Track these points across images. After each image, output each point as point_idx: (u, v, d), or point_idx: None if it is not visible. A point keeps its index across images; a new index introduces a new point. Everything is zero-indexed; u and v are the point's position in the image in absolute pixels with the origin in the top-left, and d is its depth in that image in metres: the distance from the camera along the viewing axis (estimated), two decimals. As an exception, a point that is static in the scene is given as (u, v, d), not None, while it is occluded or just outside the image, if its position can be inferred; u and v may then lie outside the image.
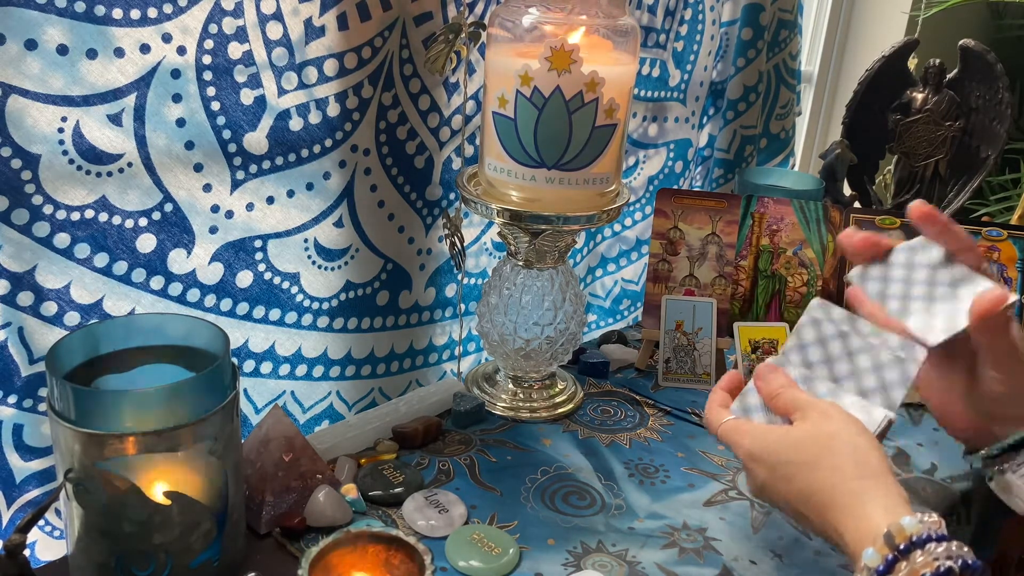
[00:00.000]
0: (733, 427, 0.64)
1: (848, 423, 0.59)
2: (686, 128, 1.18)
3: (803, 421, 0.61)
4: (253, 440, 0.70)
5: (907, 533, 0.51)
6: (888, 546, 0.51)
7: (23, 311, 0.68)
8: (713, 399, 0.68)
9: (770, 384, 0.65)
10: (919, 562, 0.50)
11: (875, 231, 0.94)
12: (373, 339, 0.92)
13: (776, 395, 0.64)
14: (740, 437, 0.63)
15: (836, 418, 0.60)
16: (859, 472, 0.56)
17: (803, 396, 0.63)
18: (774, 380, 0.65)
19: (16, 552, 0.52)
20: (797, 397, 0.63)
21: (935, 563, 0.49)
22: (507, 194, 0.80)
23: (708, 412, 0.67)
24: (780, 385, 0.64)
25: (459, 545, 0.67)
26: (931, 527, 0.51)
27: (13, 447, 0.70)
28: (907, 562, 0.50)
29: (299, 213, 0.81)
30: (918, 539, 0.51)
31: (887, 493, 0.55)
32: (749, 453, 0.62)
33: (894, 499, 0.55)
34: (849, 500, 0.55)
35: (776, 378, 0.65)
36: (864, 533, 0.53)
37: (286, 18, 0.74)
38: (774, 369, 0.65)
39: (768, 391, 0.64)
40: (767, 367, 0.66)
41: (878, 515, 0.54)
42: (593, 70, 0.73)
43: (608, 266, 1.19)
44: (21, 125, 0.64)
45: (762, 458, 0.61)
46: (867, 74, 1.24)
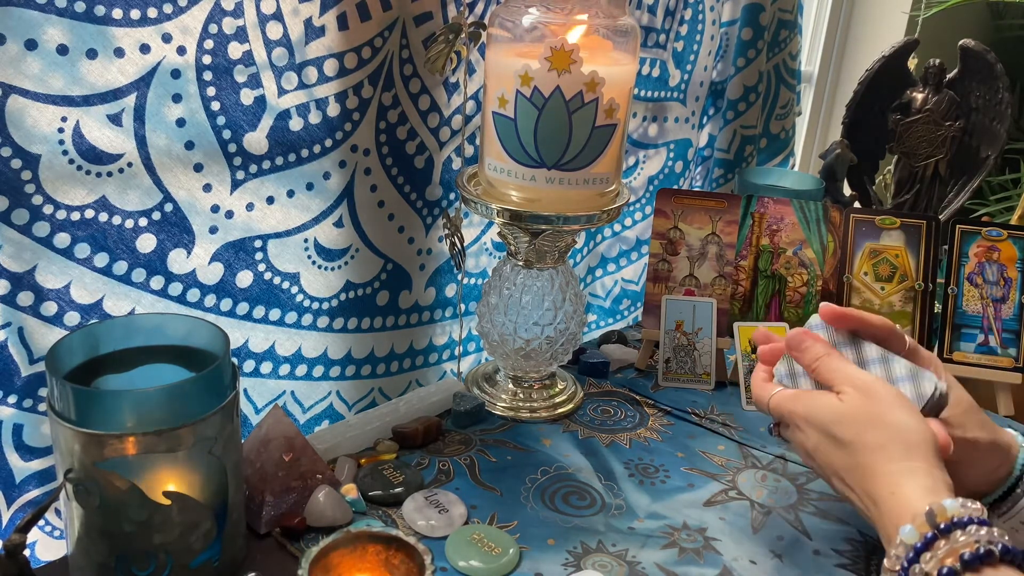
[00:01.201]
0: (785, 397, 0.65)
1: (894, 401, 0.59)
2: (686, 128, 1.18)
3: (849, 397, 0.61)
4: (253, 440, 0.70)
5: (949, 514, 0.51)
6: (929, 524, 0.51)
7: (23, 311, 0.68)
8: (757, 376, 0.69)
9: (806, 353, 0.65)
10: (960, 541, 0.50)
11: (874, 229, 0.94)
12: (373, 339, 0.92)
13: (814, 366, 0.64)
14: (794, 404, 0.63)
15: (881, 396, 0.60)
16: (905, 454, 0.56)
17: (841, 369, 0.62)
18: (810, 350, 0.64)
19: (16, 552, 0.52)
20: (834, 369, 0.63)
21: (976, 544, 0.49)
22: (507, 194, 0.80)
23: (755, 389, 0.68)
24: (815, 355, 0.64)
25: (459, 545, 0.67)
26: (974, 512, 0.51)
27: (13, 447, 0.70)
28: (947, 541, 0.50)
29: (299, 213, 0.81)
30: (959, 520, 0.51)
31: (931, 475, 0.55)
32: (805, 417, 0.62)
33: (938, 482, 0.55)
34: (892, 477, 0.56)
35: (812, 347, 0.65)
36: (903, 511, 0.53)
37: (286, 18, 0.74)
38: (806, 335, 0.65)
39: (806, 362, 0.65)
40: (799, 334, 0.65)
41: (919, 494, 0.54)
42: (593, 70, 0.73)
43: (608, 266, 1.19)
44: (21, 125, 0.64)
45: (816, 424, 0.61)
46: (867, 74, 1.24)
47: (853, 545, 0.71)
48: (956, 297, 0.95)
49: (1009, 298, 0.94)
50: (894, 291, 0.94)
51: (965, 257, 0.95)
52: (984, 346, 0.94)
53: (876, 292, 0.95)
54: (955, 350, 0.94)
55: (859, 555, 0.69)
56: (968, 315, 0.94)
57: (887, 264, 0.95)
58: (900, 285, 0.94)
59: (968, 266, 0.95)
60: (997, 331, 0.94)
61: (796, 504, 0.76)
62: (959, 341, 0.94)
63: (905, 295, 0.94)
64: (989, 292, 0.94)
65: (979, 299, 0.94)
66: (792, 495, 0.77)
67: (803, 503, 0.76)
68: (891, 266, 0.95)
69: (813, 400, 0.63)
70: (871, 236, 0.96)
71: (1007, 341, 0.93)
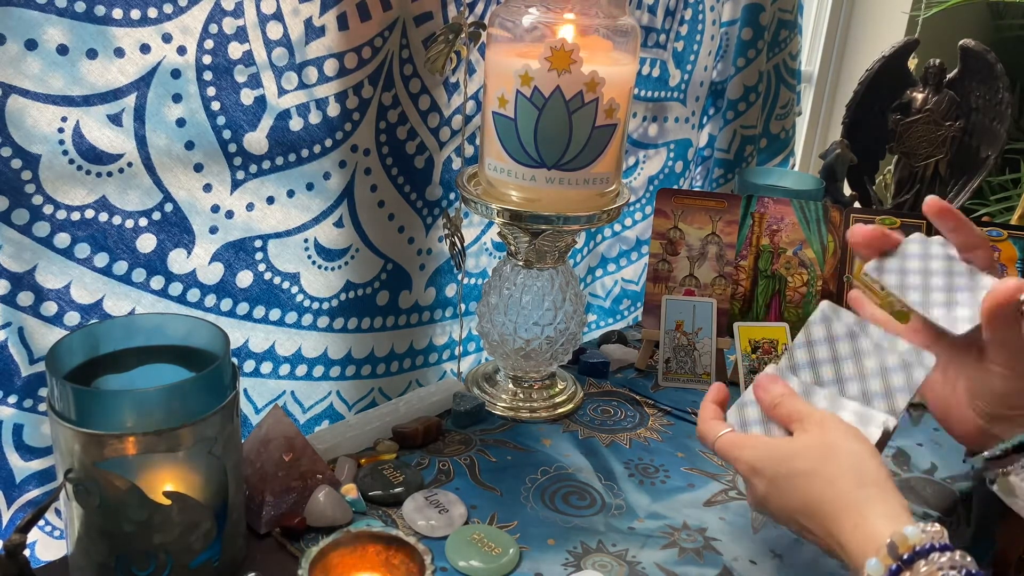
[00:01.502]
0: (731, 441, 0.63)
1: (847, 433, 0.59)
2: (686, 128, 1.18)
3: (802, 432, 0.61)
4: (253, 440, 0.70)
5: (910, 543, 0.51)
6: (891, 556, 0.51)
7: (23, 311, 0.68)
8: (705, 413, 0.67)
9: (770, 393, 0.64)
10: (923, 572, 0.50)
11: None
12: (373, 339, 0.92)
13: (776, 404, 0.63)
14: (739, 451, 0.62)
15: (834, 428, 0.60)
16: (859, 481, 0.56)
17: (803, 406, 0.62)
18: (774, 389, 0.64)
19: (16, 552, 0.52)
20: (797, 407, 0.62)
21: (939, 573, 0.49)
22: (507, 194, 0.80)
23: (702, 426, 0.66)
24: (780, 394, 0.64)
25: (459, 545, 0.67)
26: (934, 536, 0.51)
27: (13, 447, 0.70)
28: (910, 572, 0.50)
29: (299, 213, 0.81)
30: (921, 549, 0.50)
31: (887, 501, 0.55)
32: (749, 466, 0.61)
33: (895, 507, 0.55)
34: (850, 510, 0.55)
35: (776, 387, 0.64)
36: (867, 543, 0.53)
37: (286, 18, 0.74)
38: (774, 379, 0.65)
39: (768, 400, 0.64)
40: (767, 377, 0.66)
41: (880, 524, 0.53)
42: (593, 70, 0.73)
43: (608, 266, 1.19)
44: (21, 125, 0.64)
45: (762, 470, 0.60)
46: (867, 74, 1.24)
47: (853, 545, 0.70)
48: (956, 297, 0.94)
49: (1009, 298, 0.94)
50: (894, 291, 0.94)
51: (965, 257, 0.95)
52: (984, 346, 0.93)
53: (876, 292, 0.95)
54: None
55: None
56: (968, 315, 0.94)
57: None
58: (900, 285, 0.94)
59: (968, 266, 0.95)
60: (997, 331, 0.93)
61: (796, 504, 0.76)
62: (959, 341, 0.94)
63: (905, 295, 0.94)
64: (989, 292, 0.94)
65: (979, 299, 0.94)
66: (792, 495, 0.77)
67: (803, 503, 0.76)
68: None
69: (760, 445, 0.62)
70: None
71: (1007, 341, 0.93)
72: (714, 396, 0.68)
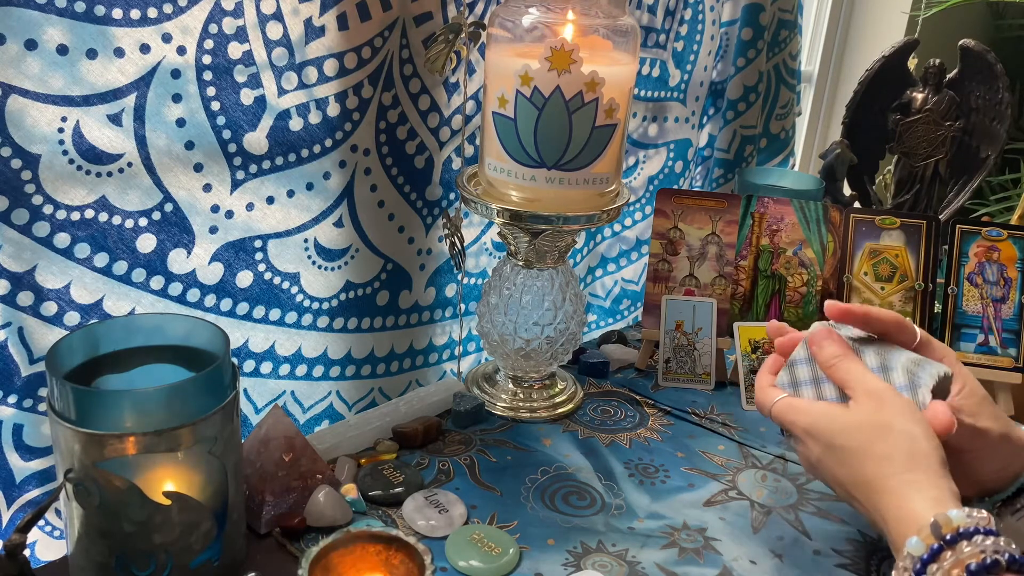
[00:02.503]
0: (788, 405, 0.64)
1: (902, 411, 0.59)
2: (686, 128, 1.18)
3: (857, 404, 0.61)
4: (253, 440, 0.70)
5: (955, 524, 0.51)
6: (934, 535, 0.51)
7: (23, 311, 0.68)
8: (762, 381, 0.69)
9: (824, 351, 0.64)
10: (966, 552, 0.49)
11: (875, 229, 0.94)
12: (373, 339, 0.92)
13: (831, 365, 0.64)
14: (796, 415, 0.63)
15: (890, 405, 0.59)
16: (910, 464, 0.56)
17: (858, 369, 0.63)
18: (828, 347, 0.64)
19: (16, 552, 0.52)
20: (852, 370, 0.63)
21: (981, 555, 0.49)
22: (507, 194, 0.80)
23: (759, 393, 0.68)
24: (834, 355, 0.64)
25: (459, 545, 0.67)
26: (980, 521, 0.51)
27: (13, 447, 0.70)
28: (952, 552, 0.50)
29: (299, 213, 0.81)
30: (965, 531, 0.50)
31: (937, 486, 0.55)
32: (805, 430, 0.62)
33: (943, 492, 0.55)
34: (897, 490, 0.56)
35: (830, 346, 0.64)
36: (909, 522, 0.53)
37: (286, 18, 0.74)
38: (829, 334, 0.65)
39: (823, 358, 0.64)
40: (822, 332, 0.65)
41: (925, 506, 0.54)
42: (593, 70, 0.73)
43: (608, 266, 1.19)
44: (21, 125, 0.64)
45: (818, 436, 0.61)
46: (867, 74, 1.24)
47: (853, 545, 0.70)
48: (956, 297, 0.95)
49: (1009, 298, 0.94)
50: (894, 291, 0.94)
51: (965, 257, 0.95)
52: (984, 346, 0.94)
53: (876, 292, 0.95)
54: (955, 350, 0.94)
55: (859, 555, 0.69)
56: (968, 315, 0.94)
57: (887, 264, 0.95)
58: (900, 285, 0.94)
59: (968, 266, 0.95)
60: (997, 331, 0.94)
61: (796, 504, 0.76)
62: (959, 341, 0.94)
63: (905, 295, 0.94)
64: (989, 292, 0.94)
65: (979, 299, 0.94)
66: (792, 495, 0.77)
67: (803, 503, 0.76)
68: (891, 266, 0.95)
69: (816, 411, 0.63)
70: (871, 236, 0.96)
71: (1007, 341, 0.93)
72: (770, 366, 0.69)
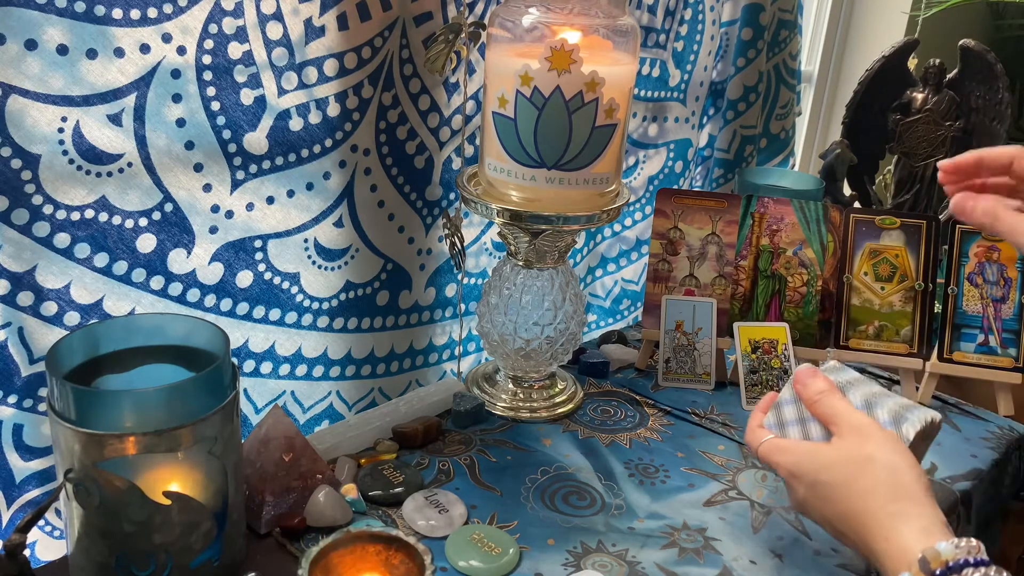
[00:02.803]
0: (773, 446, 0.65)
1: (884, 443, 0.59)
2: (686, 128, 1.18)
3: (840, 439, 0.61)
4: (253, 440, 0.70)
5: (943, 558, 0.51)
6: (923, 571, 0.51)
7: (23, 311, 0.68)
8: (753, 421, 0.69)
9: (809, 389, 0.65)
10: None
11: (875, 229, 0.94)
12: (373, 339, 0.92)
13: (815, 401, 0.64)
14: (780, 455, 0.63)
15: (873, 438, 0.60)
16: (894, 495, 0.56)
17: (842, 405, 0.63)
18: (813, 385, 0.65)
19: (16, 552, 0.52)
20: (836, 406, 0.63)
21: None
22: (507, 194, 0.80)
23: (748, 434, 0.68)
24: (819, 391, 0.64)
25: (459, 545, 0.67)
26: (969, 551, 0.51)
27: (13, 447, 0.70)
28: None
29: (299, 213, 0.81)
30: (955, 564, 0.50)
31: (922, 516, 0.55)
32: (789, 471, 0.62)
33: (930, 522, 0.54)
34: (883, 524, 0.55)
35: (815, 383, 0.65)
36: (899, 558, 0.53)
37: (286, 18, 0.74)
38: (814, 373, 0.66)
39: (807, 396, 0.65)
40: (806, 372, 0.66)
41: (912, 539, 0.53)
42: (593, 70, 0.73)
43: (608, 266, 1.19)
44: (21, 125, 0.64)
45: (801, 476, 0.61)
46: (867, 74, 1.24)
47: (853, 545, 0.71)
48: (956, 297, 0.95)
49: (1009, 298, 0.94)
50: (894, 291, 0.94)
51: (965, 257, 0.95)
52: (984, 346, 0.94)
53: (876, 292, 0.95)
54: (955, 350, 0.94)
55: (859, 555, 0.69)
56: (968, 315, 0.94)
57: (887, 264, 0.95)
58: (900, 285, 0.94)
59: (968, 266, 0.95)
60: (997, 331, 0.94)
61: (796, 504, 0.76)
62: (959, 341, 0.94)
63: (905, 295, 0.94)
64: (989, 292, 0.94)
65: (979, 299, 0.94)
66: (792, 495, 0.77)
67: (803, 503, 0.76)
68: (891, 266, 0.95)
69: (799, 451, 0.63)
70: (871, 236, 0.96)
71: (1007, 341, 0.93)
72: (764, 406, 0.70)
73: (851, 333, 0.94)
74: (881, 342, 0.94)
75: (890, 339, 0.94)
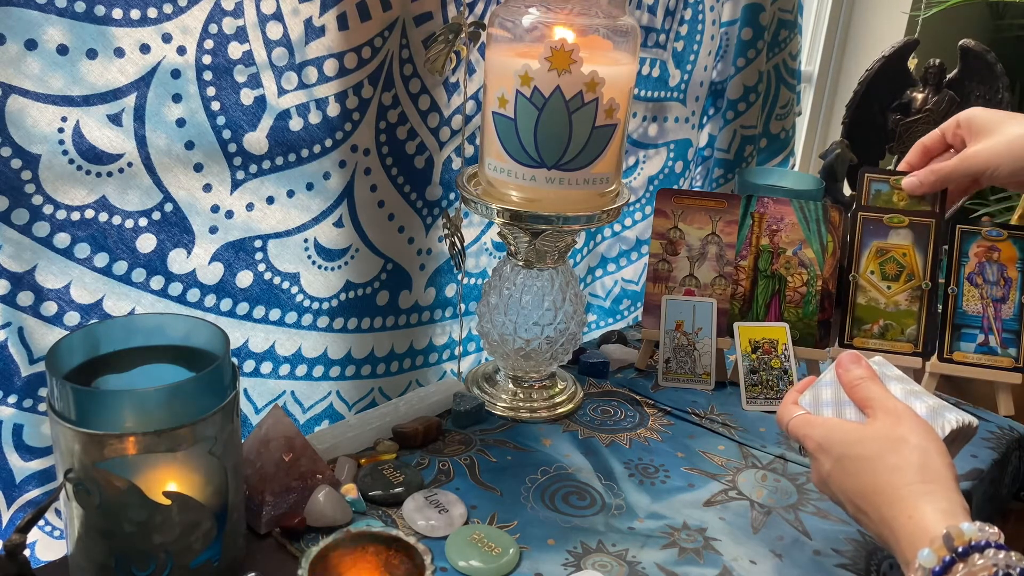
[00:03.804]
0: (804, 420, 0.66)
1: (918, 427, 0.60)
2: (686, 128, 1.18)
3: (874, 419, 0.61)
4: (253, 440, 0.70)
5: (966, 537, 0.51)
6: (946, 547, 0.51)
7: (23, 311, 0.68)
8: (788, 398, 0.70)
9: (850, 372, 0.66)
10: (978, 565, 0.49)
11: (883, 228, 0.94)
12: (373, 339, 0.92)
13: (855, 385, 0.65)
14: (810, 429, 0.64)
15: (907, 421, 0.60)
16: (922, 476, 0.56)
17: (880, 391, 0.63)
18: (855, 369, 0.66)
19: (16, 552, 0.52)
20: (875, 391, 0.63)
21: (993, 568, 0.49)
22: (507, 194, 0.80)
23: (781, 407, 0.69)
24: (859, 376, 0.65)
25: (459, 545, 0.67)
26: (991, 536, 0.51)
27: (13, 447, 0.70)
28: (965, 564, 0.50)
29: (299, 213, 0.81)
30: (977, 544, 0.50)
31: (949, 499, 0.55)
32: (818, 443, 0.63)
33: (955, 506, 0.55)
34: (908, 500, 0.56)
35: (856, 368, 0.66)
36: (920, 534, 0.53)
37: (286, 18, 0.74)
38: (856, 359, 0.67)
39: (848, 379, 0.66)
40: (849, 356, 0.67)
41: (936, 518, 0.53)
42: (593, 70, 0.73)
43: (608, 266, 1.19)
44: (21, 125, 0.64)
45: (829, 449, 0.62)
46: (867, 74, 1.24)
47: (853, 545, 0.70)
48: (956, 297, 0.94)
49: (1009, 298, 0.94)
50: (900, 290, 0.94)
51: (965, 257, 0.95)
52: (984, 346, 0.94)
53: (882, 291, 0.95)
54: (955, 350, 0.94)
55: (859, 555, 0.69)
56: (968, 315, 0.94)
57: (894, 263, 0.95)
58: (907, 284, 0.94)
59: (968, 266, 0.95)
60: (997, 331, 0.94)
61: (796, 504, 0.76)
62: (959, 341, 0.94)
63: (911, 294, 0.94)
64: (989, 292, 0.94)
65: (979, 299, 0.94)
66: (792, 495, 0.77)
67: (803, 503, 0.76)
68: (898, 265, 0.95)
69: (830, 425, 0.64)
70: (879, 235, 0.95)
71: (1007, 341, 0.93)
72: (801, 386, 0.71)
73: (856, 332, 0.94)
74: (886, 341, 0.94)
75: (895, 338, 0.94)
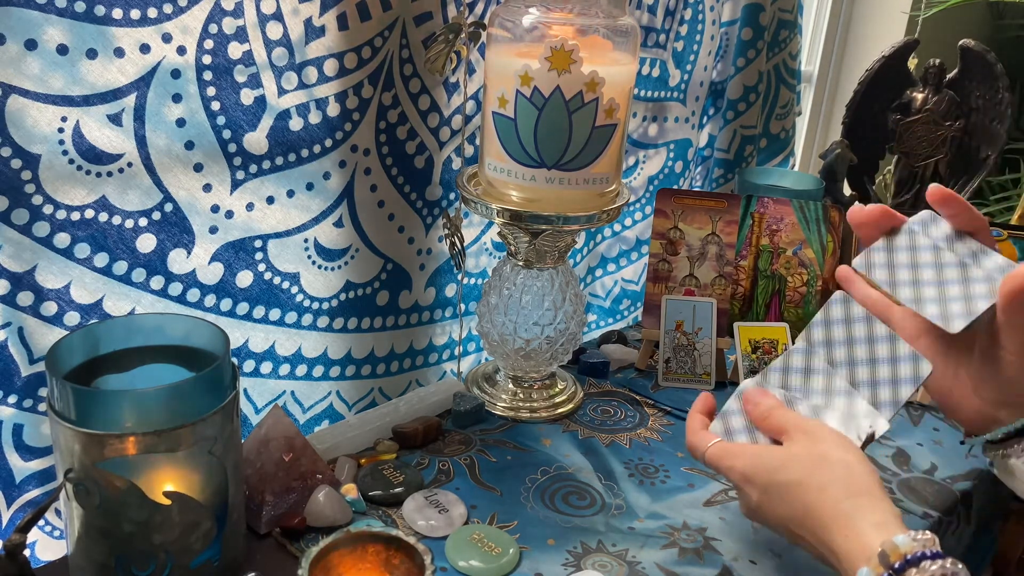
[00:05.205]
0: (723, 450, 0.64)
1: (836, 441, 0.60)
2: (686, 128, 1.18)
3: (792, 443, 0.61)
4: (253, 440, 0.70)
5: (901, 551, 0.51)
6: (882, 565, 0.51)
7: (23, 311, 0.68)
8: (693, 423, 0.67)
9: (759, 406, 0.65)
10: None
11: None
12: (373, 339, 0.92)
13: (766, 416, 0.64)
14: (732, 460, 0.63)
15: (825, 437, 0.60)
16: (849, 491, 0.56)
17: (792, 416, 0.63)
18: (763, 402, 0.65)
19: (16, 552, 0.52)
20: (786, 417, 0.63)
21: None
22: (507, 194, 0.80)
23: (692, 436, 0.67)
24: (769, 407, 0.64)
25: (459, 545, 0.67)
26: (925, 544, 0.51)
27: (13, 447, 0.70)
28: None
29: (299, 213, 0.81)
30: (912, 557, 0.51)
31: (878, 510, 0.55)
32: (742, 475, 0.61)
33: (886, 516, 0.55)
34: (840, 519, 0.56)
35: (765, 400, 0.65)
36: (857, 552, 0.53)
37: (286, 18, 0.74)
38: (763, 392, 0.66)
39: (758, 413, 0.65)
40: (756, 391, 0.66)
41: (870, 533, 0.54)
42: (593, 70, 0.73)
43: (608, 266, 1.19)
44: (21, 125, 0.64)
45: (754, 479, 0.61)
46: (867, 74, 1.24)
47: (853, 545, 0.70)
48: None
49: (1009, 298, 0.94)
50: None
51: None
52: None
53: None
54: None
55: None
56: (968, 315, 0.94)
57: None
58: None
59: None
60: (997, 331, 0.93)
61: (796, 504, 0.76)
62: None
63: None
64: (989, 292, 0.94)
65: (979, 299, 0.94)
66: (792, 495, 0.77)
67: (803, 503, 0.76)
68: None
69: (751, 453, 0.62)
70: None
71: (1007, 341, 0.93)
72: (701, 407, 0.69)
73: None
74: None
75: (892, 339, 0.94)
